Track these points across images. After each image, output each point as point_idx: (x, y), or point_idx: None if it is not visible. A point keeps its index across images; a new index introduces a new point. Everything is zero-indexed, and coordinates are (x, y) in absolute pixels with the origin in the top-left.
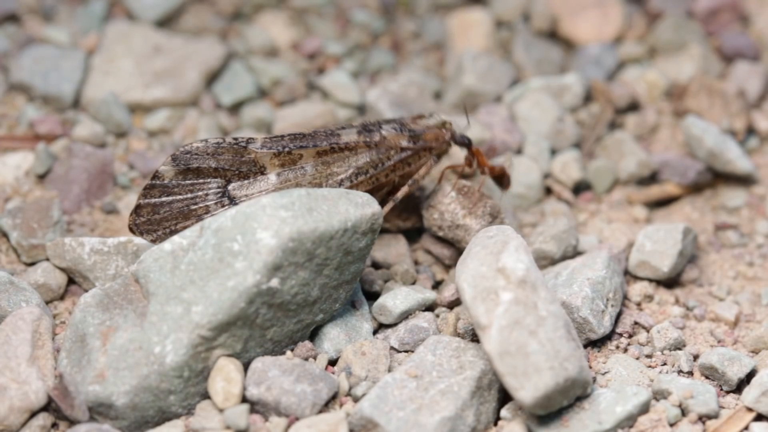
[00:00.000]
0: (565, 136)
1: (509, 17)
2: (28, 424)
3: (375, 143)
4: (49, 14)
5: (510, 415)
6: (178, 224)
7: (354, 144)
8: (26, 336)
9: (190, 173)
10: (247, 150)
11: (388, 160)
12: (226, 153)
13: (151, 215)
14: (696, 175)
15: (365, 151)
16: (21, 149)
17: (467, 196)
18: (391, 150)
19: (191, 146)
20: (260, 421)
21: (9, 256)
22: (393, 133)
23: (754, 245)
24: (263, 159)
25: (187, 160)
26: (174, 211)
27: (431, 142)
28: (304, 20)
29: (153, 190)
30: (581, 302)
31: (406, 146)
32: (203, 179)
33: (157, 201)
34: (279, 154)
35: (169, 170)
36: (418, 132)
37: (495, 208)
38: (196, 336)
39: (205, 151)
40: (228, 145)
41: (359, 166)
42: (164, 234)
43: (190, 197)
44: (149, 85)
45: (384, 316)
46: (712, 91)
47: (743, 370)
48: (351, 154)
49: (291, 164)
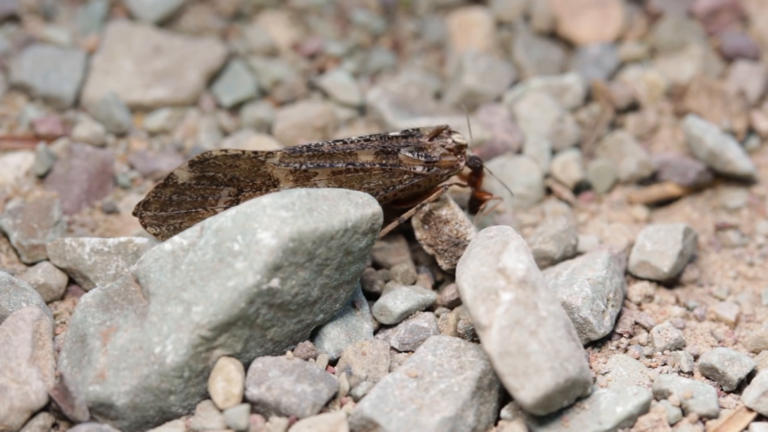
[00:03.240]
0: (566, 136)
1: (509, 17)
2: (29, 424)
3: (390, 167)
4: (49, 14)
5: (510, 416)
6: (183, 224)
7: (370, 166)
8: (26, 336)
9: (204, 179)
10: (265, 164)
11: (400, 183)
12: (243, 164)
13: (158, 211)
14: (696, 175)
15: (379, 173)
16: (21, 149)
17: (430, 226)
18: (404, 175)
19: (210, 154)
20: (260, 422)
21: (9, 256)
22: (409, 157)
23: (754, 245)
24: (278, 173)
25: (204, 167)
26: (181, 212)
27: (445, 169)
28: (305, 20)
29: (165, 189)
30: (581, 302)
31: (420, 172)
32: (216, 186)
33: (167, 200)
34: (295, 171)
35: (184, 174)
36: (434, 159)
37: (452, 233)
38: (197, 336)
39: (223, 162)
40: (246, 157)
41: (371, 188)
42: (168, 230)
43: (200, 201)
44: (149, 85)
45: (384, 316)
46: (712, 92)
47: (743, 370)
48: (365, 175)
49: (305, 180)
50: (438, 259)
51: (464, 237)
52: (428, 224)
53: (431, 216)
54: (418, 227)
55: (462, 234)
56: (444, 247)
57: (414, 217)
